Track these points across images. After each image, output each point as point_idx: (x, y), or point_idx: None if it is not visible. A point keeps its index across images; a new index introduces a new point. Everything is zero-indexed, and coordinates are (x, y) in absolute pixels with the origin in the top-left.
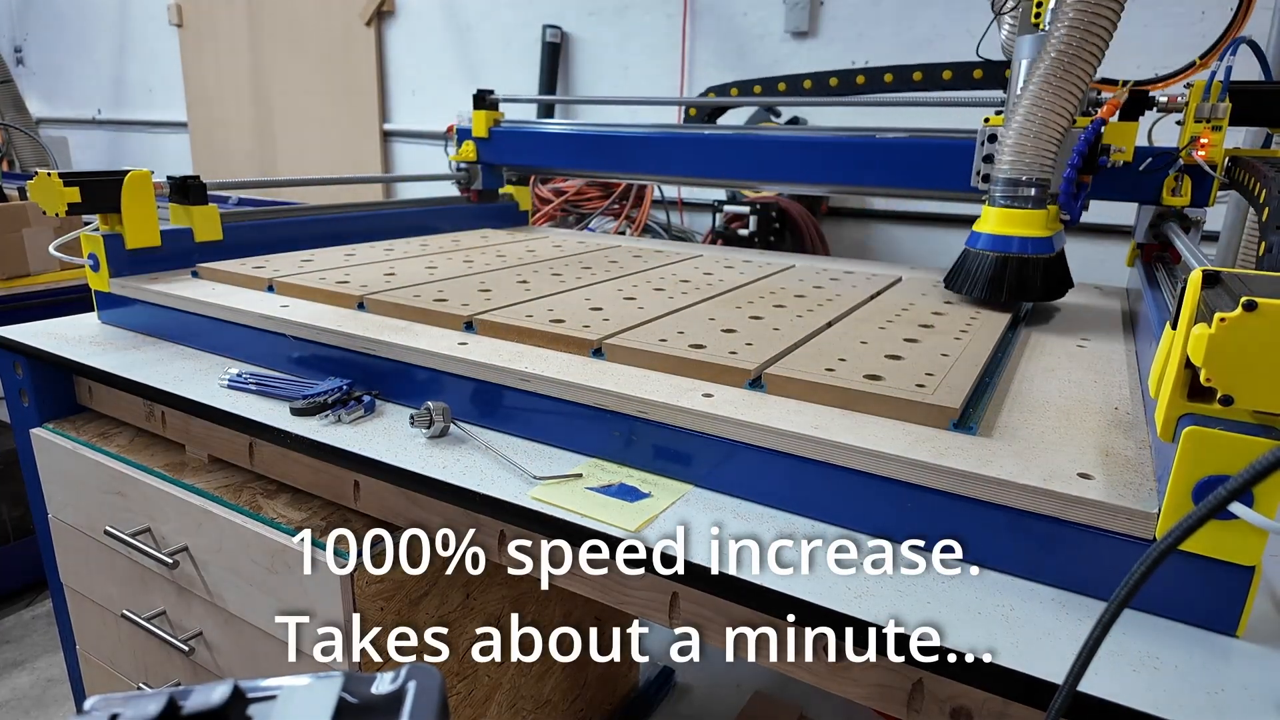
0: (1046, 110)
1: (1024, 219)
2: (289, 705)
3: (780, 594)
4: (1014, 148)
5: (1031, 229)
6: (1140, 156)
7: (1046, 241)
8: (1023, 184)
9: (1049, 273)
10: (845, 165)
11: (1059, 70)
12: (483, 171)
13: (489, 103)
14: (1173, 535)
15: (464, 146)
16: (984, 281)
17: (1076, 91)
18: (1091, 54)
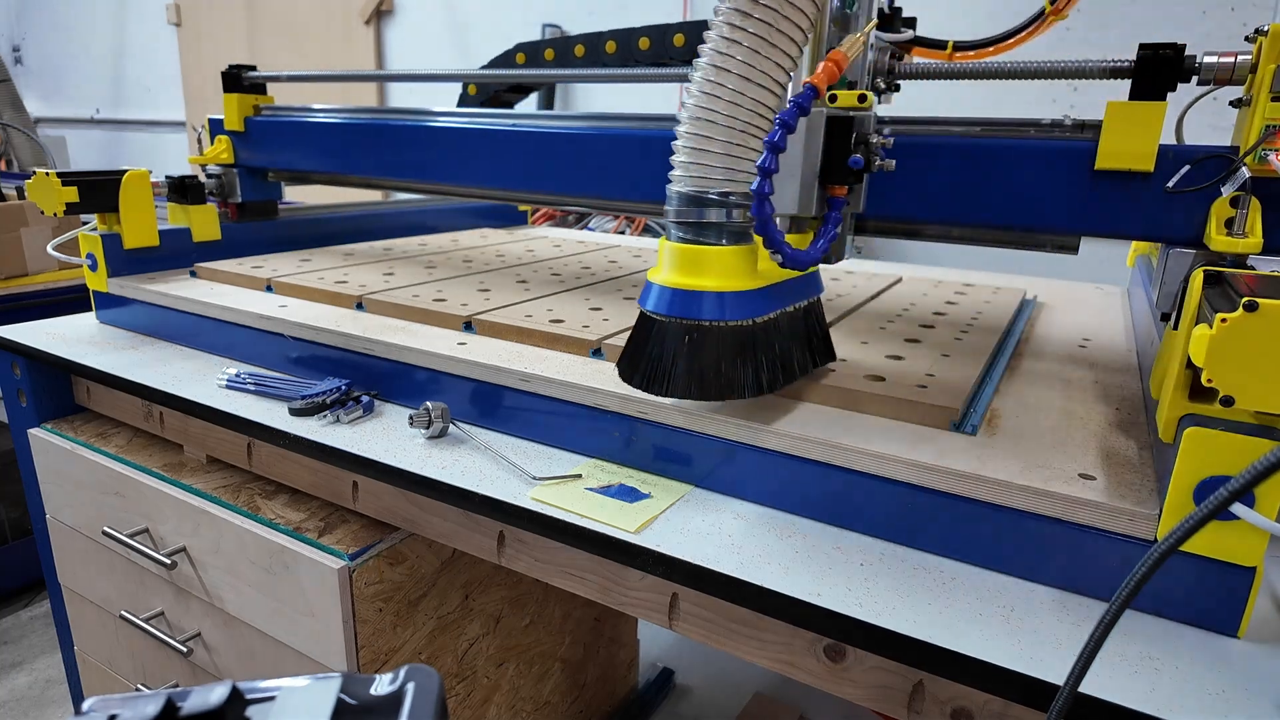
0: (738, 78)
1: (709, 261)
2: (287, 706)
3: (779, 594)
4: (688, 146)
5: (722, 278)
6: (1166, 164)
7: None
8: (705, 202)
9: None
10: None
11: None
12: (241, 179)
13: (247, 83)
14: (1174, 536)
15: (215, 144)
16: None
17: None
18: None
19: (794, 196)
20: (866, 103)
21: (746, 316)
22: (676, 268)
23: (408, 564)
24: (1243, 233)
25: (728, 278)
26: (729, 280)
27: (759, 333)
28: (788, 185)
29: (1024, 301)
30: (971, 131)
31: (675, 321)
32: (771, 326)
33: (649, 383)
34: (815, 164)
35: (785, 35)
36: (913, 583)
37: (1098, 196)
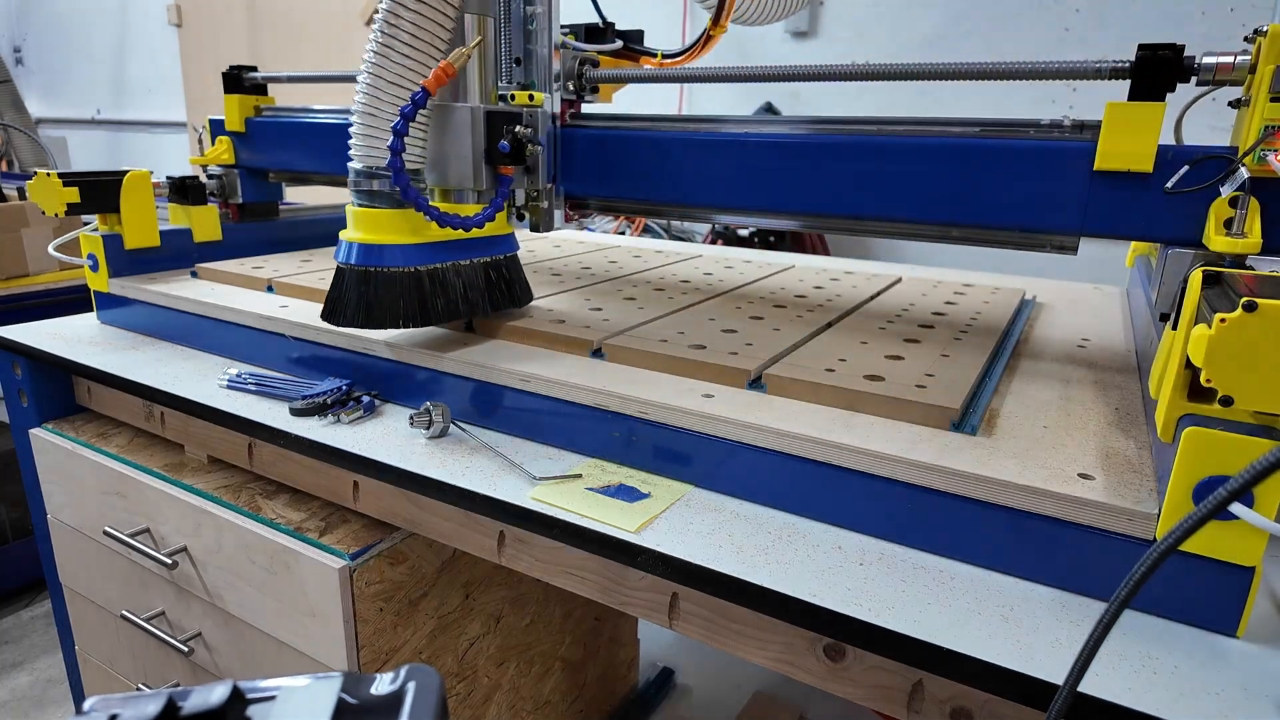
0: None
1: (376, 221)
2: (288, 706)
3: (780, 594)
4: (360, 131)
5: (385, 233)
6: (1165, 164)
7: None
8: (375, 174)
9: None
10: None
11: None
12: (242, 179)
13: (248, 83)
14: (1173, 536)
15: (217, 145)
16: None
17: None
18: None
19: (466, 173)
20: (536, 100)
21: (410, 264)
22: (357, 227)
23: (408, 564)
24: (1242, 233)
25: (393, 234)
26: (395, 236)
27: (424, 278)
28: (461, 164)
29: (1023, 301)
30: (969, 132)
31: (354, 269)
32: (438, 274)
33: (331, 315)
34: (480, 148)
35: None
36: (912, 582)
37: (1097, 197)
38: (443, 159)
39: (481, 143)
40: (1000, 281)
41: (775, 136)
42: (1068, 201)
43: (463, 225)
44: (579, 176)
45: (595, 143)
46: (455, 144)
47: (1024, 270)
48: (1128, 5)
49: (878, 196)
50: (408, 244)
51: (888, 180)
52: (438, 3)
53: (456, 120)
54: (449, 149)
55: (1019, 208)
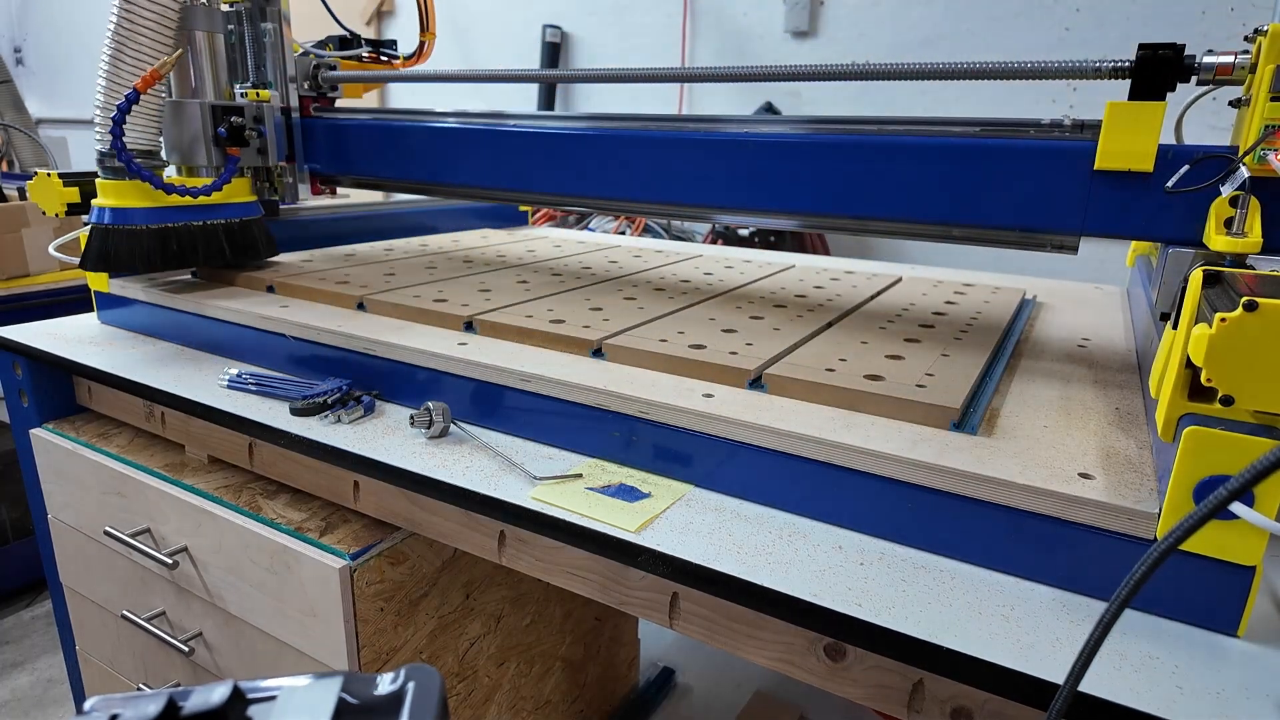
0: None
1: (116, 190)
2: (288, 706)
3: (780, 594)
4: (100, 118)
5: (122, 198)
6: (1165, 164)
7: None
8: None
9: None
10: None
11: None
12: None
13: None
14: (1173, 535)
15: None
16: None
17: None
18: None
19: (198, 152)
20: (263, 96)
21: (138, 223)
22: (104, 195)
23: (409, 563)
24: (1242, 232)
25: (124, 199)
26: (124, 201)
27: (163, 234)
28: (195, 145)
29: (1023, 301)
30: (970, 131)
31: (98, 227)
32: (177, 231)
33: (82, 263)
34: (209, 133)
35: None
36: (912, 582)
37: (1097, 196)
38: (181, 142)
39: (209, 129)
40: (1000, 281)
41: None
42: (1068, 201)
43: (190, 193)
44: (323, 158)
45: (332, 130)
46: (189, 130)
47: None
48: (1128, 5)
49: (877, 197)
50: (148, 207)
51: (887, 180)
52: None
53: (188, 113)
54: (185, 134)
55: (1019, 207)
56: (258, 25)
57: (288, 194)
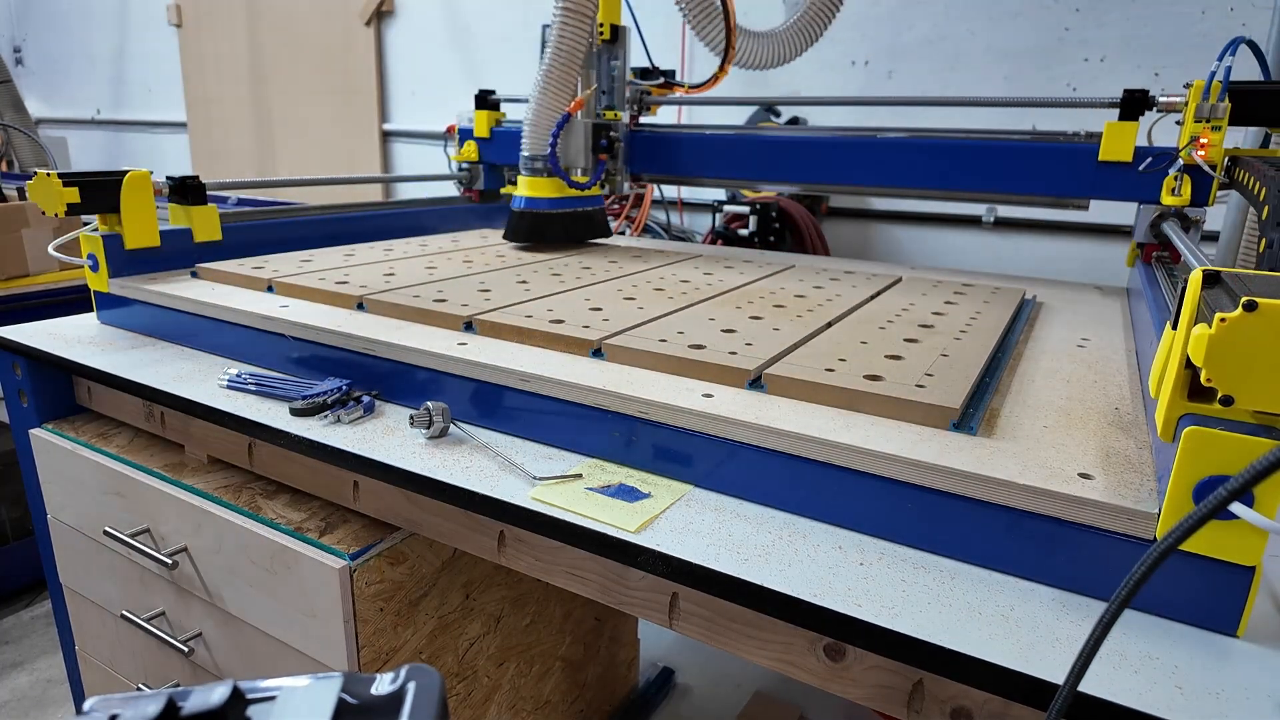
0: (547, 108)
1: (538, 184)
2: (288, 706)
3: (780, 594)
4: (528, 133)
5: (543, 191)
6: (1140, 156)
7: (557, 200)
8: (535, 159)
9: (567, 224)
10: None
11: (554, 74)
12: (484, 171)
13: (490, 103)
14: (1173, 535)
15: (465, 146)
16: (518, 230)
17: (565, 90)
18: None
19: (581, 158)
20: (615, 116)
21: (553, 209)
22: (525, 188)
23: (408, 563)
24: (1179, 194)
25: (539, 191)
26: (539, 192)
27: (554, 217)
28: (579, 154)
29: (1023, 301)
30: (1028, 138)
31: (526, 211)
32: (563, 215)
33: (512, 235)
34: (589, 143)
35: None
36: (912, 582)
37: (1100, 175)
38: (568, 150)
39: (590, 141)
40: (1000, 282)
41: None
42: (1083, 179)
43: (580, 186)
44: (638, 161)
45: (648, 140)
46: (575, 141)
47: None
48: (1127, 5)
49: (976, 177)
50: (553, 197)
51: (981, 166)
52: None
53: (578, 128)
54: (572, 145)
55: (1057, 183)
56: (608, 61)
57: (616, 188)
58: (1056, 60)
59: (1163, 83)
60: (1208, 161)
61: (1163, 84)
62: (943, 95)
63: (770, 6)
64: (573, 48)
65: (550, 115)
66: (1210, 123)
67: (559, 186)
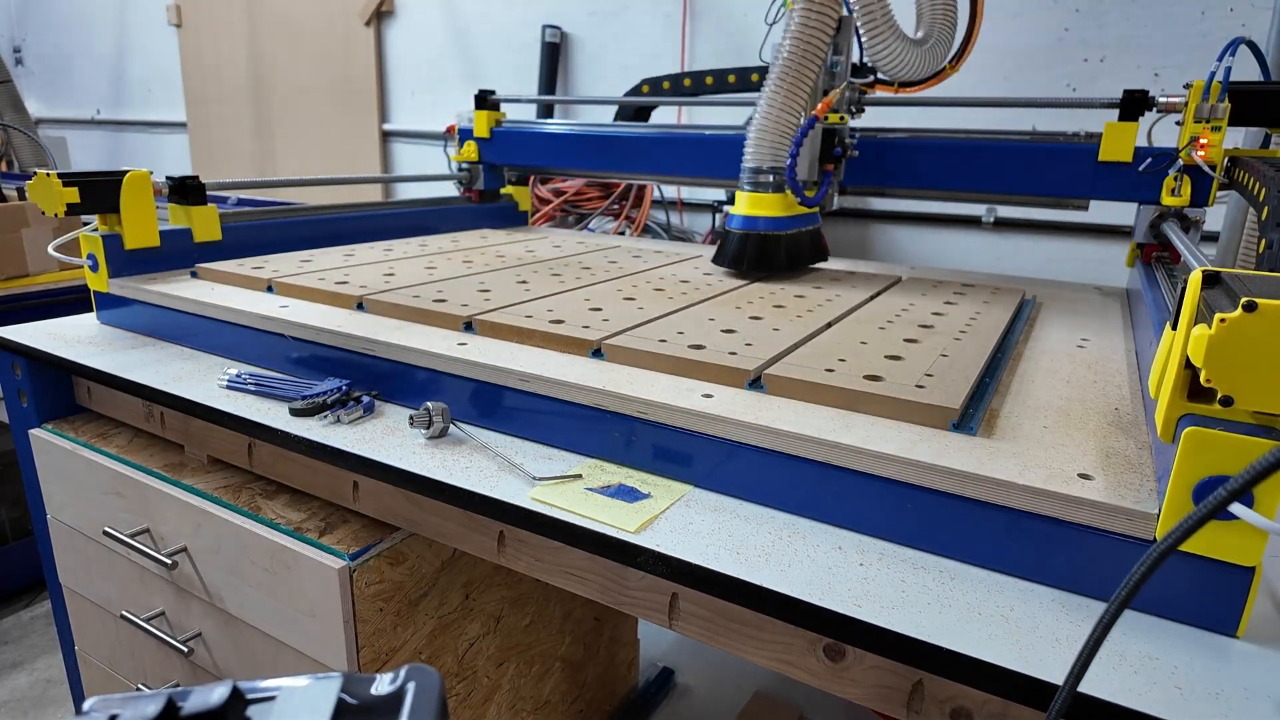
0: (779, 109)
1: (764, 201)
2: (288, 706)
3: (780, 594)
4: (754, 140)
5: (771, 210)
6: (1140, 156)
7: (785, 220)
8: (762, 171)
9: (792, 246)
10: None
11: (789, 72)
12: (484, 171)
13: (490, 103)
14: (1173, 536)
15: (465, 147)
16: (736, 256)
17: (804, 90)
18: (814, 58)
19: (809, 168)
20: (843, 121)
21: (777, 230)
22: (747, 206)
23: (408, 564)
24: (1179, 195)
25: (768, 210)
26: (769, 210)
27: (781, 240)
28: (807, 164)
29: (1023, 301)
30: (1029, 138)
31: (742, 233)
32: (790, 238)
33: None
34: (817, 152)
35: (805, 85)
36: (912, 582)
37: (1100, 176)
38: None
39: (819, 149)
40: (1000, 282)
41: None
42: (1083, 179)
43: (810, 202)
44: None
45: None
46: (810, 150)
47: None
48: (1127, 5)
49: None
50: (781, 215)
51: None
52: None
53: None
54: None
55: (1057, 183)
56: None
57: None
58: (1056, 60)
59: (1162, 83)
60: (1207, 162)
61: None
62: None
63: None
64: (815, 40)
65: (785, 119)
66: (1210, 123)
67: (787, 204)
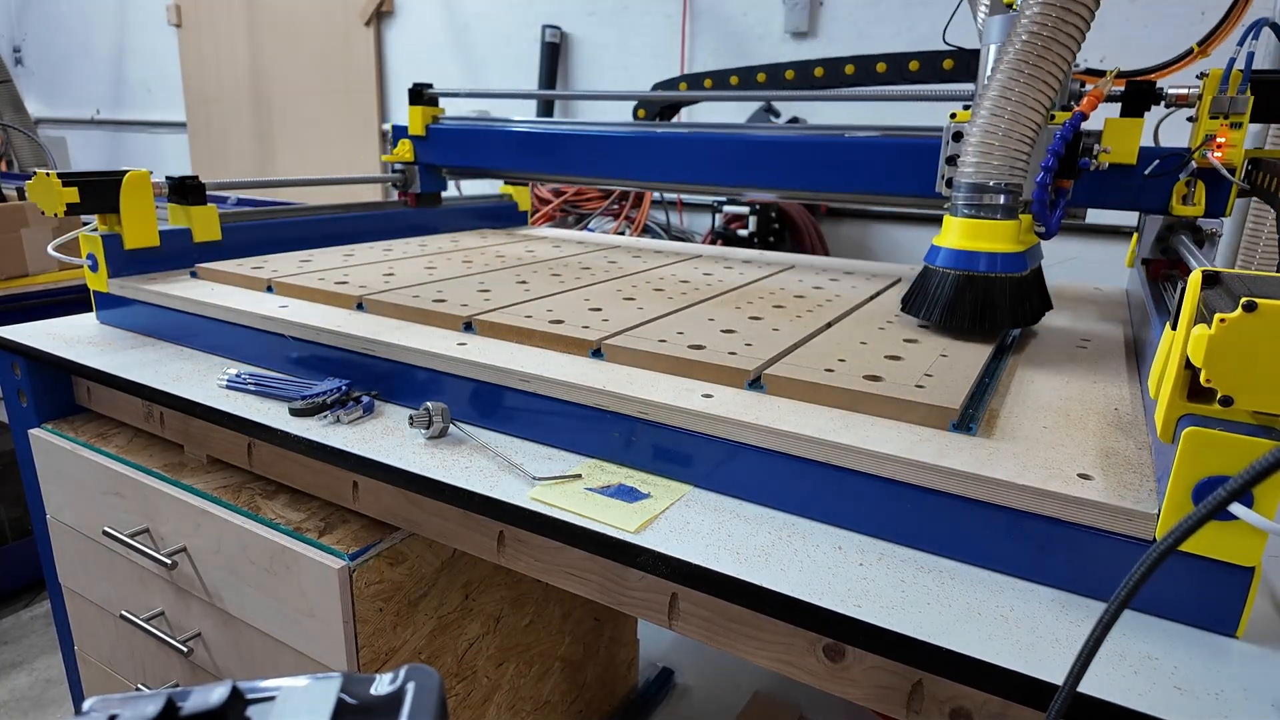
0: (1016, 103)
1: (991, 231)
2: (287, 706)
3: (780, 594)
4: (979, 147)
5: (1000, 243)
6: (1145, 158)
7: (1018, 258)
8: (989, 190)
9: (1021, 295)
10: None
11: (1031, 55)
12: (420, 173)
13: (427, 97)
14: (1173, 536)
15: (400, 146)
16: (944, 305)
17: (1053, 80)
18: (1070, 35)
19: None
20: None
21: (1016, 271)
22: (962, 235)
23: (408, 564)
24: (1193, 203)
25: (995, 243)
26: (998, 244)
27: (1008, 285)
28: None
29: None
30: None
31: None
32: (1020, 283)
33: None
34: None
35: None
36: (912, 582)
37: (1098, 181)
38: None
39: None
40: None
41: None
42: (1077, 184)
43: (1052, 234)
44: None
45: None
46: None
47: None
48: (1127, 6)
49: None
50: (1013, 251)
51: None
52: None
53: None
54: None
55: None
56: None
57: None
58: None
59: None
60: (1226, 164)
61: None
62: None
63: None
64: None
65: (1024, 117)
66: (1229, 118)
67: (1020, 235)
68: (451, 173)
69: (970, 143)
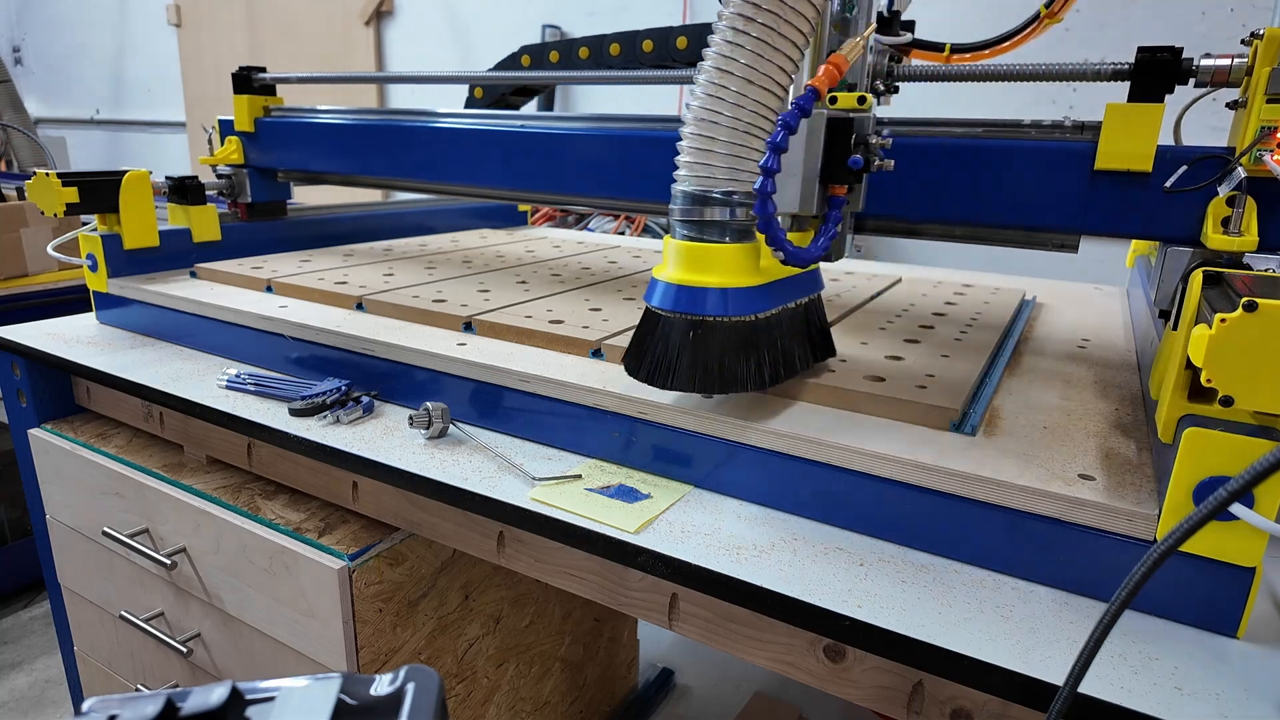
0: (741, 81)
1: (713, 259)
2: (287, 706)
3: (780, 595)
4: (693, 143)
5: (727, 275)
6: (1165, 164)
7: (757, 294)
8: (709, 202)
9: (772, 341)
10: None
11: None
12: (251, 179)
13: (257, 84)
14: (1173, 536)
15: (226, 145)
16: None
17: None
18: None
19: (795, 195)
20: (866, 104)
21: (749, 312)
22: (681, 265)
23: (408, 564)
24: (1239, 231)
25: (731, 274)
26: (732, 277)
27: (761, 328)
28: (789, 184)
29: (1023, 301)
30: (973, 132)
31: (680, 317)
32: (773, 322)
33: (654, 376)
34: (816, 164)
35: (787, 39)
36: (912, 583)
37: (1097, 196)
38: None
39: (819, 158)
40: (1000, 282)
41: None
42: (1069, 200)
43: (808, 260)
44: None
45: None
46: (810, 161)
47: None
48: (1128, 6)
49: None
50: (743, 287)
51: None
52: None
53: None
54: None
55: (1021, 207)
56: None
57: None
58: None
59: None
60: None
61: None
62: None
63: None
64: None
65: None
66: None
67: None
68: (288, 176)
69: (682, 137)
